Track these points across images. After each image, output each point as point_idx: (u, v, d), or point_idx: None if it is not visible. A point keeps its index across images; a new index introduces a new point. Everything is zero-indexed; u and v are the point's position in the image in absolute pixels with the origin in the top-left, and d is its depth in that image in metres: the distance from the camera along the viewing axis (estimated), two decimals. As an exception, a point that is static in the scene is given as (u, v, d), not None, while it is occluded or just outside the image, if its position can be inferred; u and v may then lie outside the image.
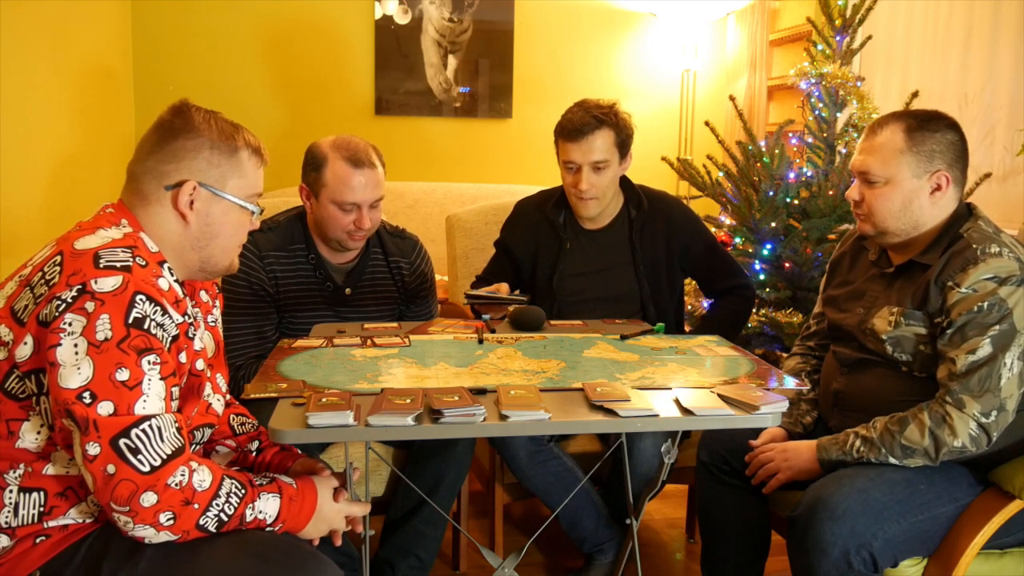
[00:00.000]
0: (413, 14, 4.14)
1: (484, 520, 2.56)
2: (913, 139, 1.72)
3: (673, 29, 4.27)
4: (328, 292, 2.18)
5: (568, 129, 2.20)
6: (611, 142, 2.20)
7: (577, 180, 2.21)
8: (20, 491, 1.28)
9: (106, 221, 1.37)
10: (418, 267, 2.30)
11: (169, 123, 1.40)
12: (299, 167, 2.13)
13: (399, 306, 2.28)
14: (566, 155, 2.22)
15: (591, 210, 2.27)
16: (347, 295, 2.20)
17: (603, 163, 2.20)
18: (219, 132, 1.40)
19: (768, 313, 2.88)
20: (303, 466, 1.58)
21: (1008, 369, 1.62)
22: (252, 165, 1.44)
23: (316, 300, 2.17)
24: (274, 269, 2.13)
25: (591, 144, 2.18)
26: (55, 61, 3.09)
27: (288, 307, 2.16)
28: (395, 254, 2.26)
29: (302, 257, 2.17)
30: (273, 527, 1.35)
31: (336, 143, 2.08)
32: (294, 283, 2.15)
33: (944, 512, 1.67)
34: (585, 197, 2.23)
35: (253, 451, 1.64)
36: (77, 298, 1.22)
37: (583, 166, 2.19)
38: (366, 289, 2.23)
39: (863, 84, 2.98)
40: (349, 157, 2.05)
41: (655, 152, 3.51)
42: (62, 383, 1.20)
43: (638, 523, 1.90)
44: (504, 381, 1.54)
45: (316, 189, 2.09)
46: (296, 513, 1.38)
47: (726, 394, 1.46)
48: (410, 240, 2.32)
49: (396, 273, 2.26)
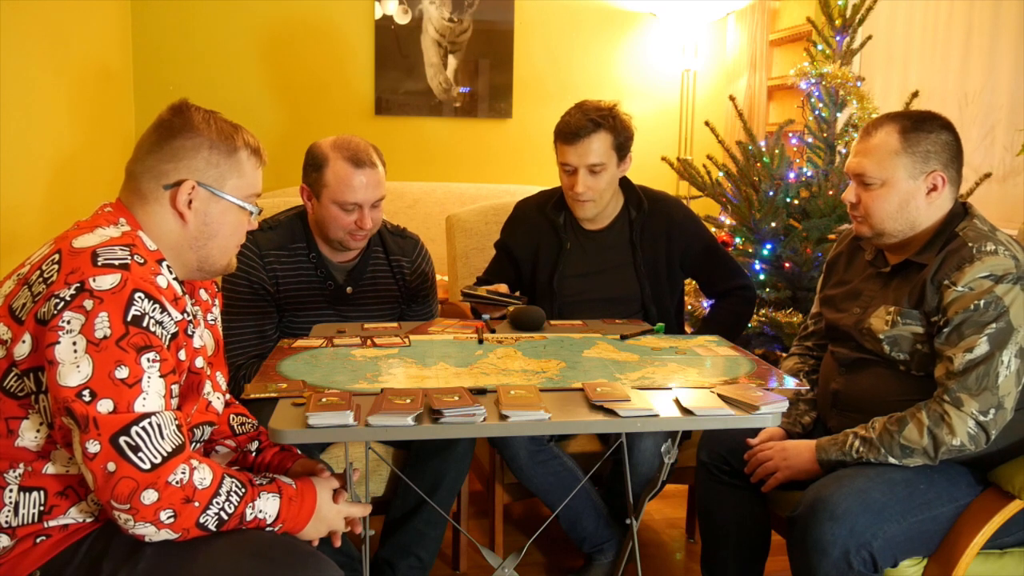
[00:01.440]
0: (413, 14, 4.14)
1: (484, 520, 2.56)
2: (908, 140, 1.72)
3: (673, 29, 4.27)
4: (329, 291, 2.18)
5: (565, 132, 2.20)
6: (608, 145, 2.19)
7: (573, 182, 2.21)
8: (20, 490, 1.28)
9: (104, 220, 1.37)
10: (419, 266, 2.30)
11: (169, 122, 1.40)
12: (299, 167, 2.12)
13: (400, 305, 2.28)
14: (563, 157, 2.22)
15: (587, 212, 2.27)
16: (348, 294, 2.20)
17: (599, 166, 2.19)
18: (218, 132, 1.40)
19: (768, 313, 2.88)
20: (303, 467, 1.58)
21: (1006, 367, 1.62)
22: (251, 165, 1.44)
23: (317, 299, 2.17)
24: (274, 268, 2.13)
25: (587, 147, 2.18)
26: (55, 61, 3.09)
27: (289, 306, 2.15)
28: (396, 253, 2.26)
29: (303, 256, 2.16)
30: (273, 527, 1.35)
31: (337, 143, 2.08)
32: (295, 282, 2.15)
33: (944, 512, 1.67)
34: (581, 199, 2.23)
35: (253, 451, 1.64)
36: (75, 296, 1.22)
37: (579, 168, 2.19)
38: (367, 288, 2.22)
39: (863, 84, 2.98)
40: (350, 157, 2.05)
41: (655, 152, 3.51)
42: (61, 381, 1.20)
43: (638, 523, 1.90)
44: (504, 381, 1.54)
45: (317, 190, 2.08)
46: (295, 513, 1.38)
47: (726, 394, 1.46)
48: (411, 239, 2.32)
49: (397, 272, 2.26)
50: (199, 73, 4.00)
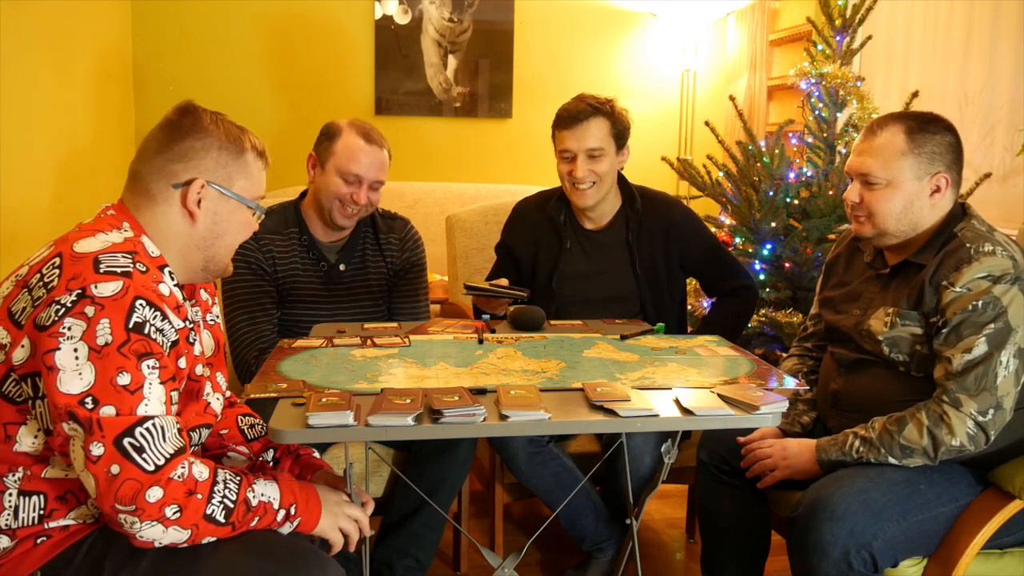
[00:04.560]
0: (413, 14, 4.14)
1: (484, 520, 2.56)
2: (915, 141, 1.72)
3: (673, 29, 4.27)
4: (323, 272, 2.24)
5: (563, 117, 2.21)
6: (606, 131, 2.20)
7: (572, 168, 2.21)
8: (20, 494, 1.28)
9: (107, 224, 1.36)
10: (407, 245, 2.33)
11: (177, 123, 1.41)
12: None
13: (390, 284, 2.32)
14: (561, 143, 2.22)
15: (588, 200, 2.25)
16: (342, 272, 2.25)
17: (598, 151, 2.20)
18: (227, 133, 1.42)
19: (768, 313, 2.88)
20: (324, 479, 1.58)
21: (1004, 367, 1.62)
22: (257, 167, 1.46)
23: (312, 280, 2.23)
24: (271, 250, 2.20)
25: (586, 131, 2.18)
26: (56, 61, 3.10)
27: (285, 287, 2.21)
28: (385, 232, 2.32)
29: (295, 240, 2.23)
30: (286, 511, 1.35)
31: (353, 121, 2.20)
32: (290, 263, 2.22)
33: (944, 512, 1.67)
34: (581, 186, 2.22)
35: (270, 460, 1.63)
36: (76, 302, 1.22)
37: (578, 153, 2.19)
38: (357, 264, 2.28)
39: (863, 84, 2.98)
40: (362, 133, 2.16)
41: (655, 152, 3.51)
42: (63, 388, 1.20)
43: (638, 523, 1.90)
44: (504, 381, 1.54)
45: (324, 158, 2.16)
46: (304, 501, 1.37)
47: (726, 394, 1.46)
48: (401, 220, 2.38)
49: (387, 249, 2.31)
50: (199, 73, 4.01)
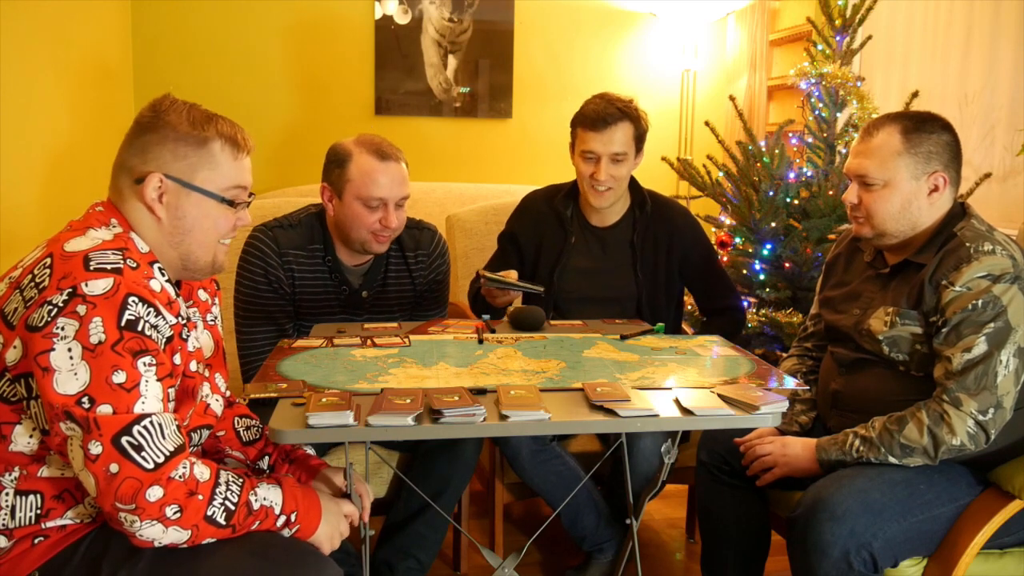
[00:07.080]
0: (413, 14, 4.14)
1: (484, 520, 2.56)
2: (910, 141, 1.72)
3: (673, 29, 4.26)
4: (344, 296, 2.13)
5: (591, 118, 2.20)
6: (630, 135, 2.21)
7: (596, 170, 2.20)
8: (16, 494, 1.28)
9: (96, 221, 1.35)
10: (436, 262, 2.23)
11: (141, 117, 1.37)
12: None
13: (415, 299, 2.23)
14: (585, 144, 2.21)
15: (605, 201, 2.26)
16: (364, 298, 2.14)
17: (622, 155, 2.20)
18: (189, 123, 1.36)
19: (768, 313, 2.88)
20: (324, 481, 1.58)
21: (1004, 366, 1.62)
22: (226, 156, 1.38)
23: (331, 304, 2.13)
24: (292, 268, 2.08)
25: (612, 135, 2.18)
26: (55, 60, 3.09)
27: (302, 308, 2.11)
28: (412, 248, 2.20)
29: (319, 258, 2.11)
30: (286, 516, 1.34)
31: (360, 139, 2.04)
32: (311, 284, 2.10)
33: (944, 512, 1.67)
34: (602, 188, 2.22)
35: (265, 469, 1.62)
36: (68, 302, 1.21)
37: (603, 156, 2.19)
38: (384, 291, 2.17)
39: (863, 84, 2.98)
40: (375, 151, 2.01)
41: (655, 152, 3.48)
42: (59, 388, 1.19)
43: (638, 523, 1.90)
44: (504, 381, 1.54)
45: (340, 187, 2.02)
46: (305, 508, 1.37)
47: (726, 394, 1.47)
48: (428, 231, 2.25)
49: (415, 269, 2.19)
50: (199, 72, 4.00)
